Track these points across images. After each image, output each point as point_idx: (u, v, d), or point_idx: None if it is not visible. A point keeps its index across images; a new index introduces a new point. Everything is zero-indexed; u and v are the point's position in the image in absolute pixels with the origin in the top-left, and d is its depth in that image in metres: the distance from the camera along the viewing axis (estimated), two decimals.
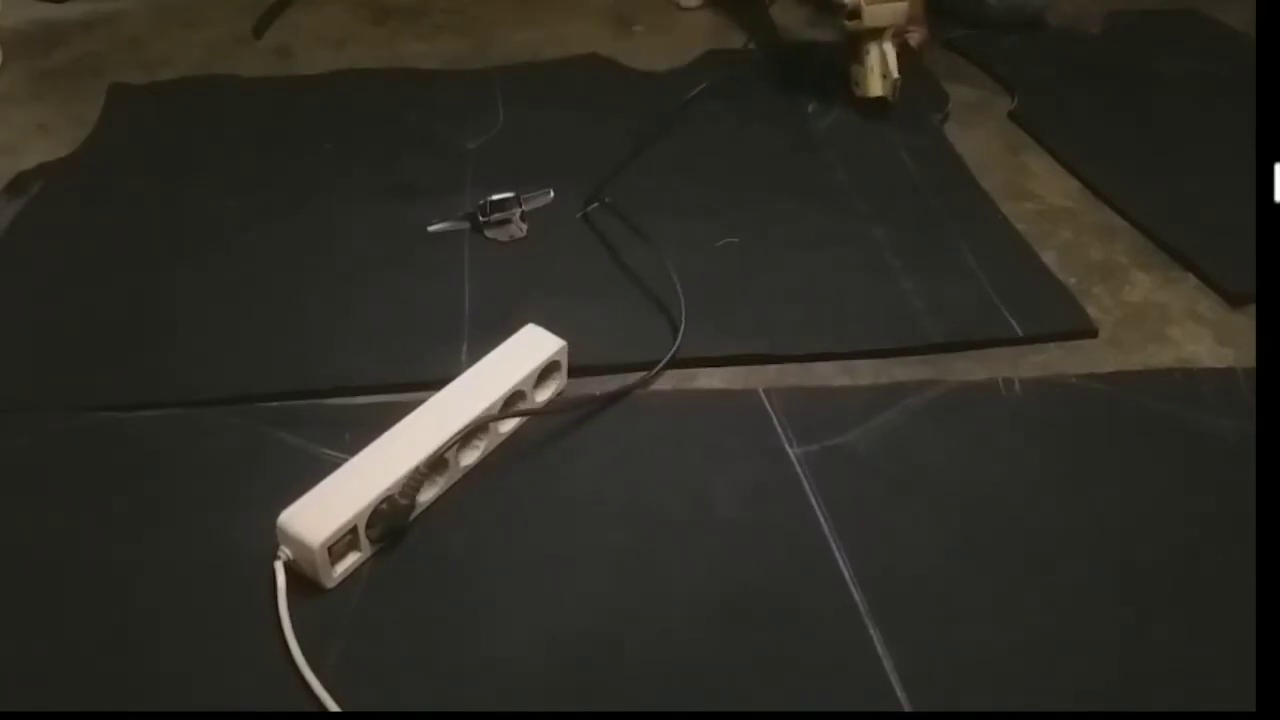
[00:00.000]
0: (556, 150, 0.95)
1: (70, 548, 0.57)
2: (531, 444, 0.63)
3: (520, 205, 0.83)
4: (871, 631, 0.52)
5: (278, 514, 0.54)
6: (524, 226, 0.83)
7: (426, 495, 0.59)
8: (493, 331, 0.67)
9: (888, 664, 0.50)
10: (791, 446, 0.63)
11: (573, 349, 0.67)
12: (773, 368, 0.70)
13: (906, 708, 0.48)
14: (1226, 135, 0.92)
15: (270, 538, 0.54)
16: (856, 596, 0.53)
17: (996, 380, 0.67)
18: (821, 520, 0.58)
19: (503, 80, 1.08)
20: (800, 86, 1.05)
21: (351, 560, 0.55)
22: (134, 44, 1.22)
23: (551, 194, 0.86)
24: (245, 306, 0.75)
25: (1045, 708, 0.49)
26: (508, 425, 0.64)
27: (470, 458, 0.61)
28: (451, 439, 0.58)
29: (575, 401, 0.67)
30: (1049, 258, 0.80)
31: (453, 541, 0.57)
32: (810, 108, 1.01)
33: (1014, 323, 0.72)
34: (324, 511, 0.54)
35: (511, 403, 0.63)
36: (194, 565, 0.56)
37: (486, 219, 0.83)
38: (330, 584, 0.54)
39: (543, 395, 0.66)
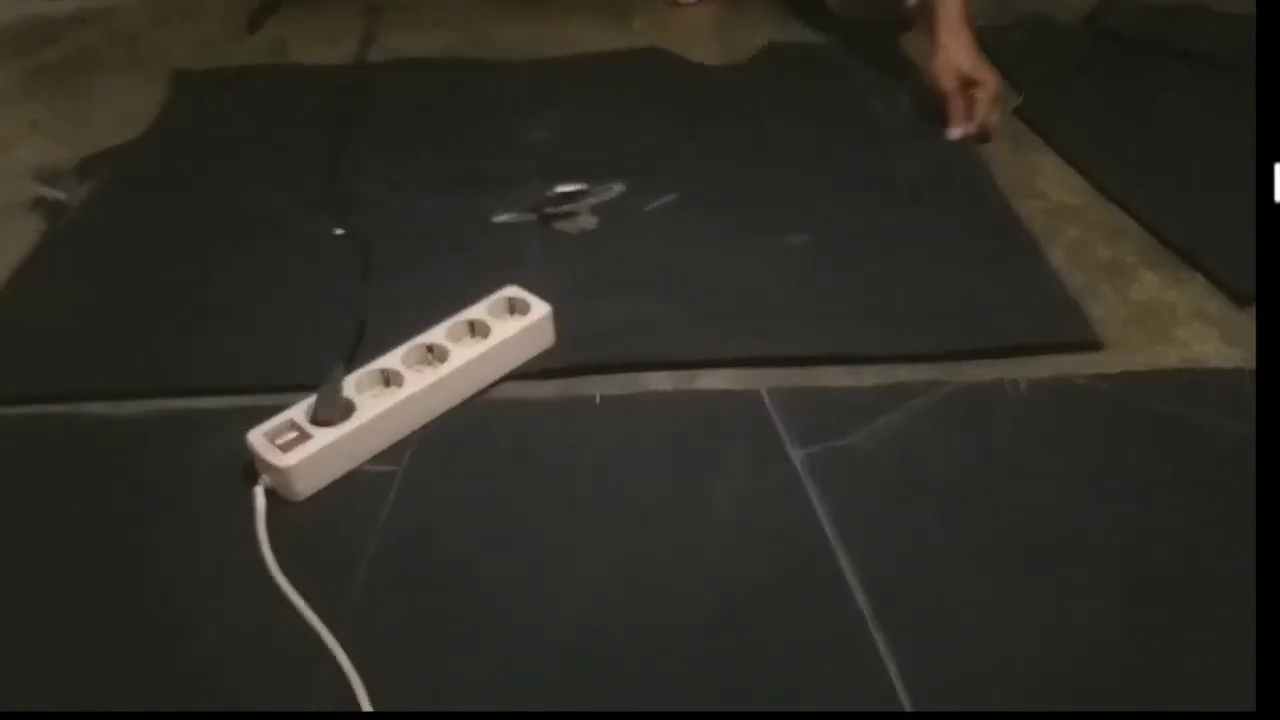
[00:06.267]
0: (619, 143, 0.94)
1: (70, 548, 0.56)
2: (532, 444, 0.63)
3: (590, 198, 0.83)
4: (874, 633, 0.51)
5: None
6: (594, 220, 0.82)
7: (377, 403, 0.61)
8: (563, 319, 0.69)
9: (891, 666, 0.50)
10: (794, 448, 0.62)
11: (640, 344, 0.69)
12: (775, 368, 0.69)
13: (909, 708, 0.48)
14: (1236, 133, 0.91)
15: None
16: (859, 598, 0.53)
17: (1003, 381, 0.67)
18: (824, 522, 0.57)
19: (562, 72, 1.08)
20: (867, 87, 1.04)
21: (309, 449, 0.58)
22: (128, 40, 1.21)
23: (619, 188, 0.85)
24: (307, 293, 0.75)
25: (1047, 708, 0.48)
26: (462, 356, 0.65)
27: (421, 380, 0.63)
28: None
29: (575, 401, 0.66)
30: (1057, 256, 0.79)
31: (453, 541, 0.57)
32: (878, 109, 1.00)
33: (1094, 324, 0.71)
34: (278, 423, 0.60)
35: (463, 330, 0.67)
36: (196, 566, 0.55)
37: (555, 211, 0.82)
38: (296, 488, 0.58)
39: (504, 328, 0.67)
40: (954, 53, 0.93)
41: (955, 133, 0.92)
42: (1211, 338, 0.71)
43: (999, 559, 0.55)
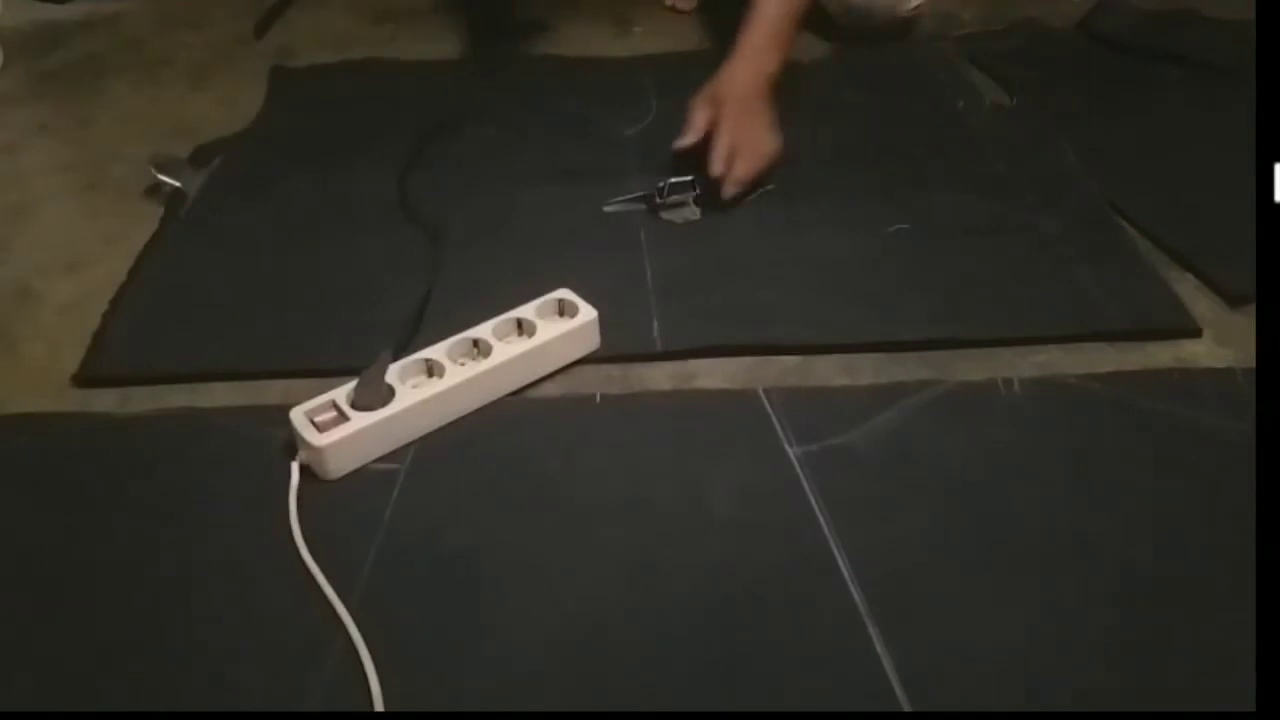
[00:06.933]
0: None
1: (75, 548, 0.57)
2: (532, 443, 0.64)
3: (695, 189, 0.85)
4: (871, 631, 0.52)
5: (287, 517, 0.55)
6: (697, 211, 0.84)
7: (415, 393, 0.63)
8: (681, 305, 0.73)
9: (887, 664, 0.50)
10: (791, 446, 0.63)
11: (755, 328, 0.71)
12: (773, 368, 0.70)
13: (906, 708, 0.48)
14: (1227, 136, 0.92)
15: (280, 540, 0.55)
16: (856, 596, 0.54)
17: (996, 380, 0.67)
18: (821, 520, 0.58)
19: (649, 70, 1.10)
20: (950, 83, 1.05)
21: (344, 431, 0.60)
22: (135, 44, 1.22)
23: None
24: (419, 280, 0.76)
25: (1045, 708, 0.49)
26: (504, 354, 0.66)
27: (460, 374, 0.65)
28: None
29: (575, 400, 0.67)
30: None
31: (454, 541, 0.57)
32: (960, 103, 1.02)
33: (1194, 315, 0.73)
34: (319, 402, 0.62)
35: (510, 328, 0.69)
36: (205, 566, 0.56)
37: (663, 201, 0.84)
38: (328, 467, 0.59)
39: (549, 329, 0.68)
40: (722, 81, 0.87)
41: (679, 142, 0.85)
42: (1204, 338, 0.71)
43: (995, 557, 0.56)
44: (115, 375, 0.70)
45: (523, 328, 0.69)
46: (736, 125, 0.83)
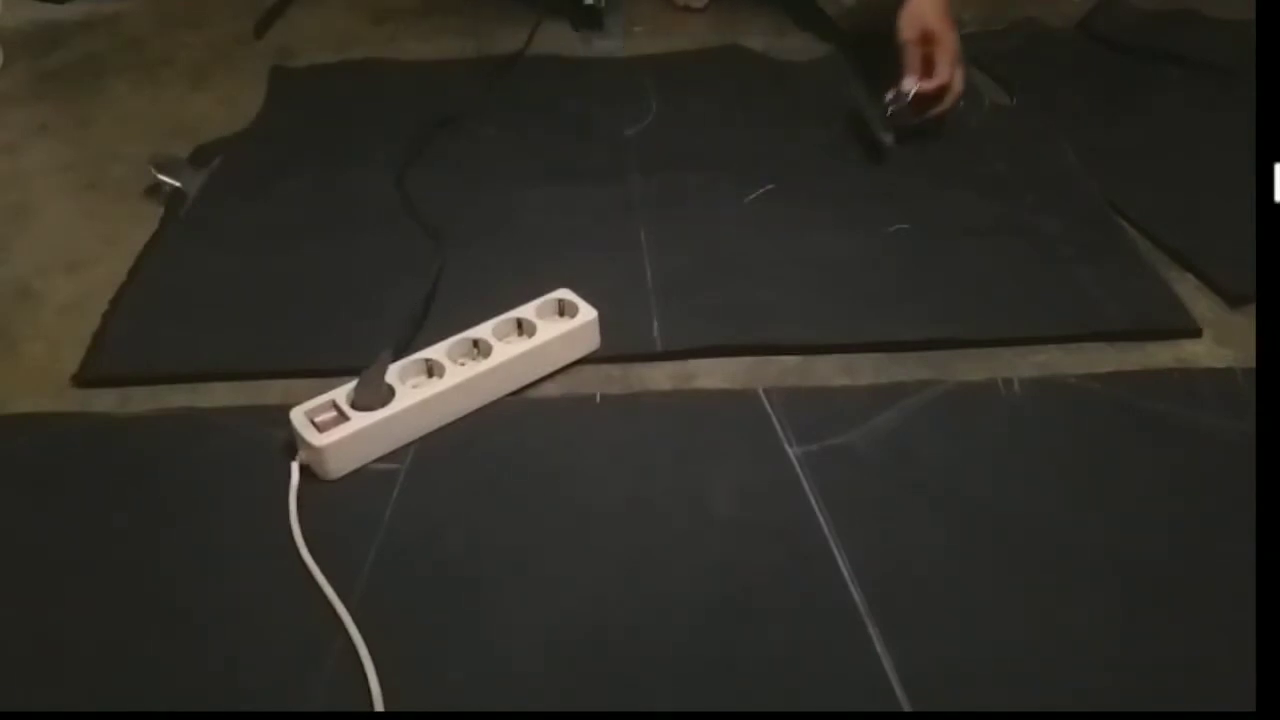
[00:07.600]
0: (714, 137, 0.97)
1: (75, 548, 0.57)
2: (532, 443, 0.64)
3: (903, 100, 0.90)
4: (871, 631, 0.52)
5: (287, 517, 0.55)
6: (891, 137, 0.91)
7: (416, 393, 0.63)
8: (682, 305, 0.73)
9: (887, 664, 0.50)
10: (791, 446, 0.63)
11: (757, 328, 0.71)
12: (773, 368, 0.70)
13: (906, 708, 0.48)
14: (1228, 136, 0.92)
15: (280, 540, 0.55)
16: (856, 596, 0.54)
17: (996, 380, 0.67)
18: (821, 520, 0.58)
19: (649, 70, 1.11)
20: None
21: (344, 431, 0.60)
22: (135, 44, 1.22)
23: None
24: (419, 280, 0.76)
25: (1045, 708, 0.49)
26: (504, 354, 0.66)
27: (460, 374, 0.65)
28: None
29: (575, 400, 0.67)
30: None
31: (453, 541, 0.57)
32: (960, 103, 1.02)
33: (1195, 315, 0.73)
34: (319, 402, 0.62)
35: (510, 328, 0.69)
36: (205, 566, 0.56)
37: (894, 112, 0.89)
38: (328, 467, 0.59)
39: (549, 329, 0.68)
40: (920, 4, 0.93)
41: (908, 84, 0.91)
42: (1204, 338, 0.71)
43: (994, 556, 0.56)
44: (115, 375, 0.70)
45: (523, 328, 0.69)
46: (950, 59, 0.91)
